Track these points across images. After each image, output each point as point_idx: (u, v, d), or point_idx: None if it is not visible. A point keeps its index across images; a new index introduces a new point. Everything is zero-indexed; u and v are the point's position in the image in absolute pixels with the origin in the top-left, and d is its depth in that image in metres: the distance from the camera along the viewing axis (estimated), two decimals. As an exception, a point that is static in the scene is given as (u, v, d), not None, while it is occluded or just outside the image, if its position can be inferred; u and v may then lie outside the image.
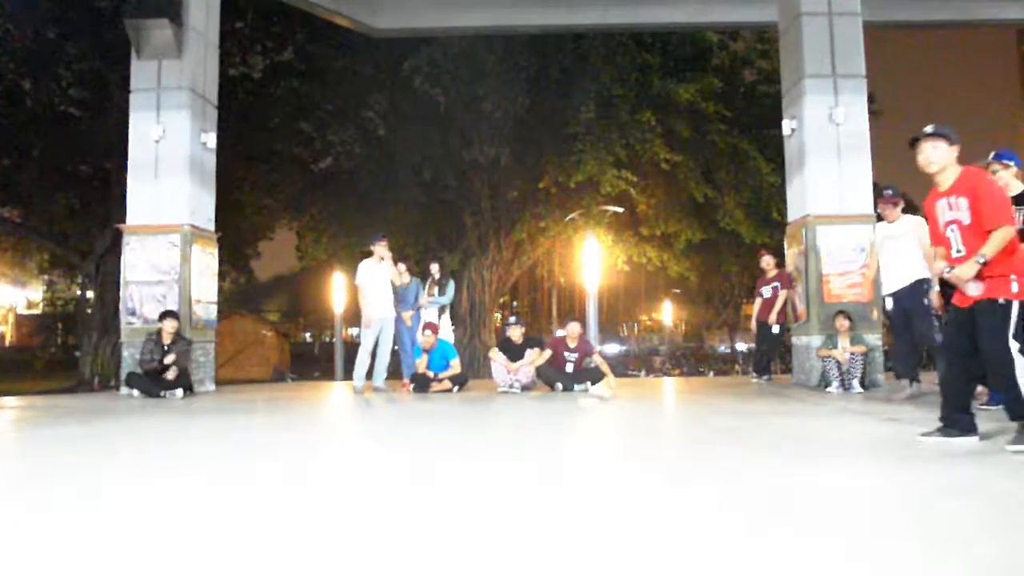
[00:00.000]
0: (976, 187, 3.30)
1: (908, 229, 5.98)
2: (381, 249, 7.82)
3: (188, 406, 6.40)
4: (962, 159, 3.52)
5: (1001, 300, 3.25)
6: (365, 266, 7.89)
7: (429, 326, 7.83)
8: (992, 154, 4.89)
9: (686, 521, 2.18)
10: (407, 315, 8.26)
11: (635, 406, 6.33)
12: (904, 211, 6.23)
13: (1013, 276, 3.25)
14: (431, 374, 7.65)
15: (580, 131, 14.11)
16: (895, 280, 6.02)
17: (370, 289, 7.74)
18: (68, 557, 1.89)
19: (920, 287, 5.82)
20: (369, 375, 7.85)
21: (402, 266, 8.42)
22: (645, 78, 14.51)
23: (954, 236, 3.37)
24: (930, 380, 6.27)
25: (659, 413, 5.95)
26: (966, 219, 3.31)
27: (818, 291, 7.72)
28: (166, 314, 7.41)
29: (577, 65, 14.08)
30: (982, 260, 3.22)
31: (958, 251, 3.35)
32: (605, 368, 7.66)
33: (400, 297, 8.26)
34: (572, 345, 7.67)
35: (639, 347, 42.03)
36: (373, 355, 7.82)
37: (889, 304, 6.13)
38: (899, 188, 6.34)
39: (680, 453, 3.67)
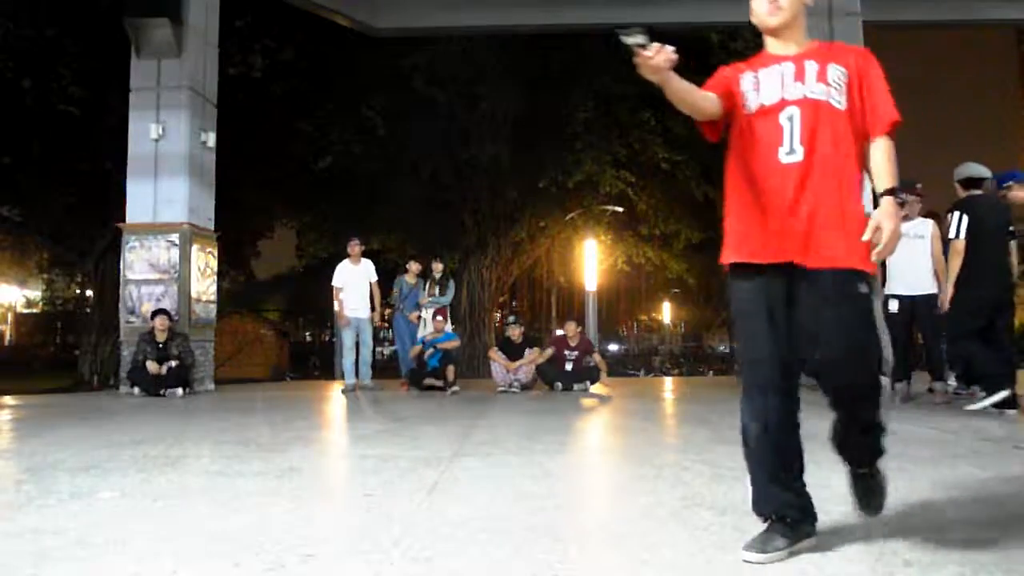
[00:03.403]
0: (867, 62, 1.98)
1: (926, 232, 5.67)
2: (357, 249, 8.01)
3: (188, 405, 6.40)
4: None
5: (862, 274, 1.86)
6: (343, 267, 8.04)
7: (440, 312, 7.99)
8: (1003, 176, 5.08)
9: (685, 519, 2.18)
10: (414, 316, 8.30)
11: (634, 406, 6.33)
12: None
13: (865, 237, 1.92)
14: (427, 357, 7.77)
15: (579, 131, 14.10)
16: (909, 283, 5.67)
17: (347, 290, 7.90)
18: (63, 554, 1.89)
19: (934, 300, 5.49)
20: (356, 375, 7.97)
21: (414, 266, 8.47)
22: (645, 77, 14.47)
23: (790, 128, 1.92)
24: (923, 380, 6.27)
25: (658, 412, 5.95)
26: (840, 100, 1.91)
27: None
28: (157, 312, 7.41)
29: (577, 65, 14.07)
30: (902, 196, 2.01)
31: (791, 151, 1.90)
32: (602, 366, 7.73)
33: (403, 296, 8.34)
34: (573, 344, 7.69)
35: (638, 347, 42.05)
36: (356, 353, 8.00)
37: (893, 306, 5.96)
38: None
39: (677, 451, 3.66)
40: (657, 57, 1.78)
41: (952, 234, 4.88)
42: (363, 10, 10.53)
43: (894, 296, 5.86)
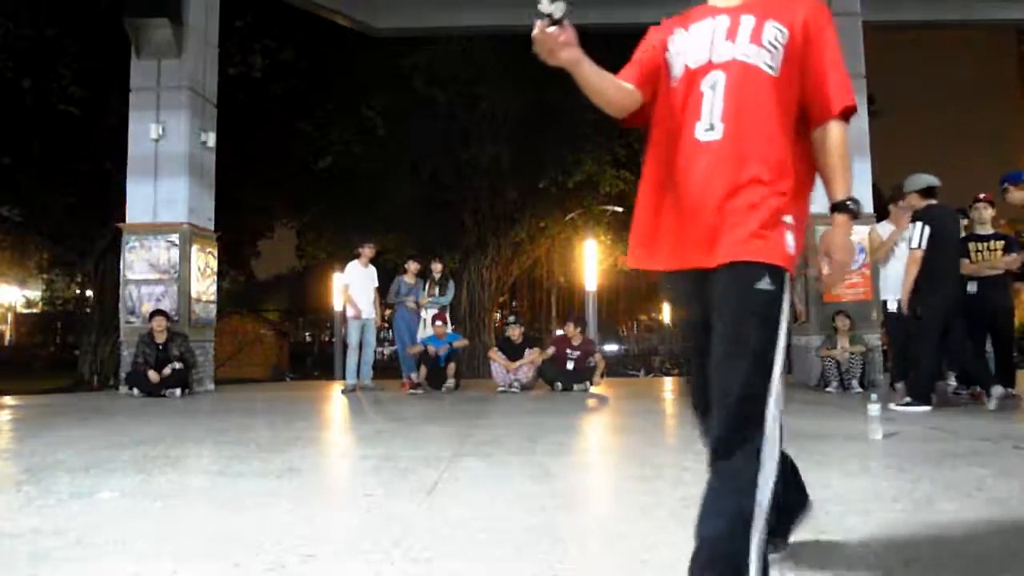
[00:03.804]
0: (818, 21, 1.58)
1: None
2: (369, 251, 8.30)
3: (188, 405, 6.40)
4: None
5: (767, 267, 1.47)
6: (352, 267, 8.25)
7: (439, 316, 8.02)
8: (1004, 176, 5.23)
9: (685, 519, 2.18)
10: (411, 302, 8.38)
11: (634, 406, 6.33)
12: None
13: (789, 218, 1.52)
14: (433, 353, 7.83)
15: (580, 131, 14.12)
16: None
17: (354, 289, 8.12)
18: (63, 554, 1.89)
19: None
20: (358, 375, 8.08)
21: (412, 265, 8.53)
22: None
23: (712, 97, 1.55)
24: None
25: (658, 412, 5.95)
26: (773, 65, 1.53)
27: (818, 291, 7.73)
28: (156, 313, 7.44)
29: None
30: (856, 203, 1.55)
31: (709, 127, 1.54)
32: (601, 366, 7.75)
33: (404, 296, 8.40)
34: (576, 343, 7.70)
35: (638, 347, 42.04)
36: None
37: (892, 306, 6.05)
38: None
39: (677, 452, 3.66)
40: (561, 40, 1.48)
41: (915, 244, 5.09)
42: (363, 10, 10.54)
43: (895, 298, 6.00)
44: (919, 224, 5.09)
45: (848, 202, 1.53)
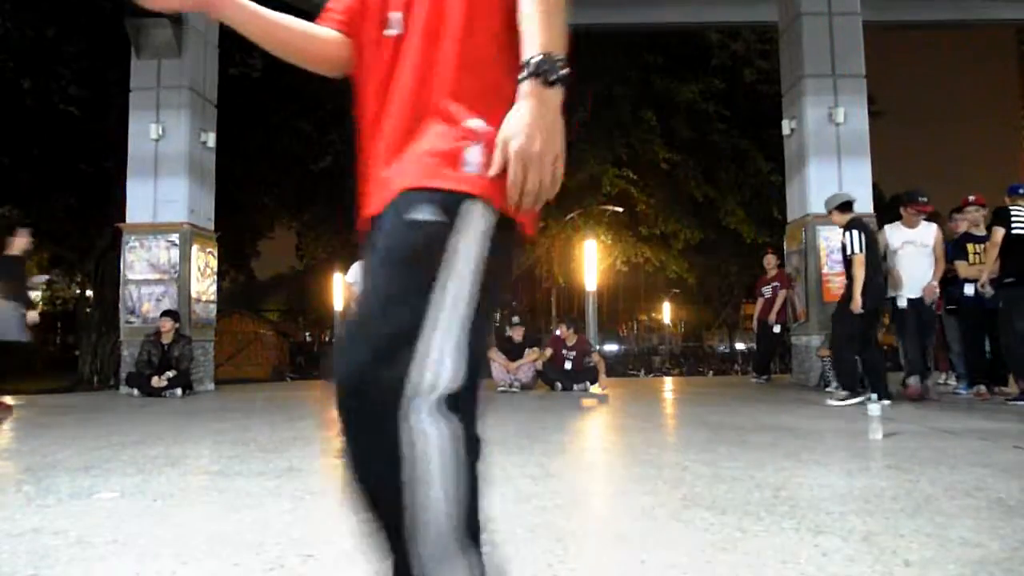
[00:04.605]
0: None
1: (928, 236, 6.12)
2: None
3: (188, 405, 6.41)
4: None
5: (433, 197, 0.95)
6: (357, 267, 8.20)
7: None
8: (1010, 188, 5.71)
9: (685, 519, 2.18)
10: None
11: (634, 406, 6.33)
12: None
13: (475, 122, 0.99)
14: None
15: (581, 130, 14.16)
16: (915, 286, 6.04)
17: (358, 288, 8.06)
18: (63, 554, 1.89)
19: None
20: None
21: None
22: (646, 77, 14.53)
23: None
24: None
25: (657, 412, 5.95)
26: None
27: (818, 291, 7.73)
28: (164, 314, 7.47)
29: (577, 64, 14.10)
30: (550, 63, 0.97)
31: (388, 24, 1.11)
32: (601, 366, 7.74)
33: None
34: (570, 344, 7.71)
35: (638, 347, 42.07)
36: None
37: (902, 303, 6.10)
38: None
39: (677, 451, 3.67)
40: None
41: (857, 249, 5.56)
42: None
43: (906, 298, 6.08)
44: (854, 232, 5.61)
45: (538, 59, 0.94)
